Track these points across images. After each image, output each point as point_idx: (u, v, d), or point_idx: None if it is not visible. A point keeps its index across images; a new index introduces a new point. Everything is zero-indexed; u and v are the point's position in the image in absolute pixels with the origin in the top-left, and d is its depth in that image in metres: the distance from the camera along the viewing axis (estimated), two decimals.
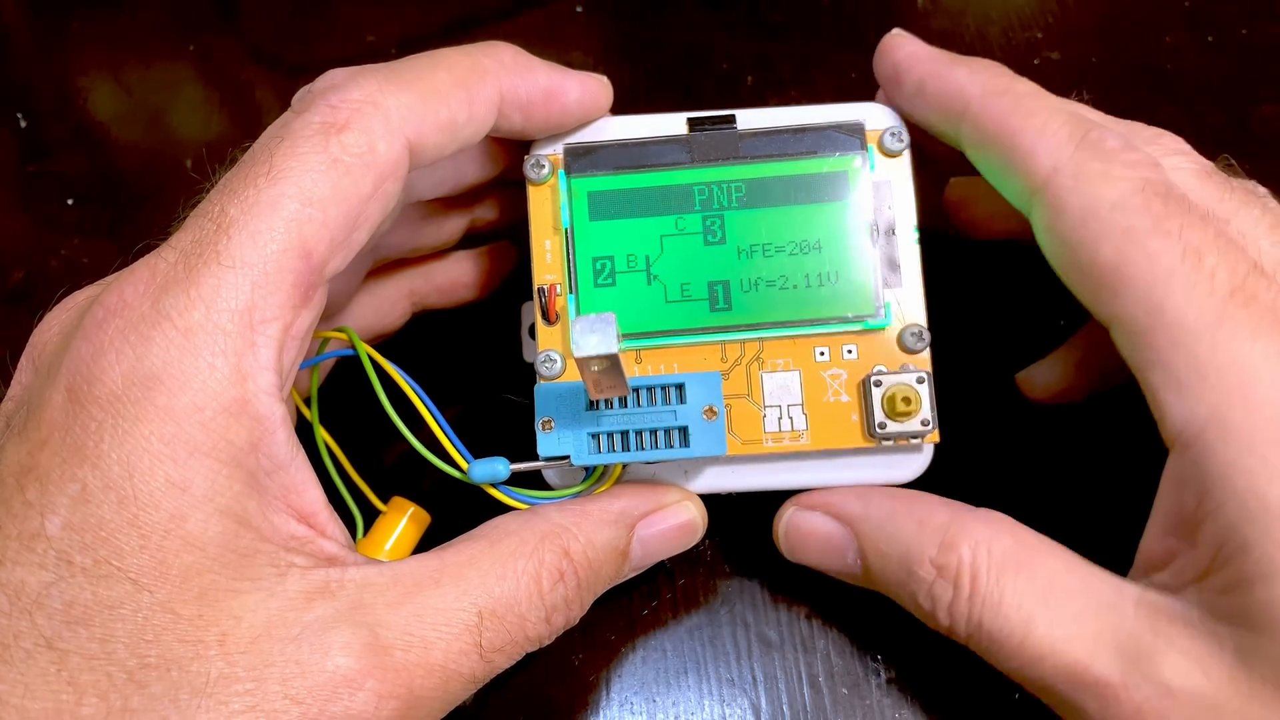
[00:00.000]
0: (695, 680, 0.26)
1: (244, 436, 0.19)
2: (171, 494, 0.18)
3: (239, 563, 0.19)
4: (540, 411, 0.23)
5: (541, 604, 0.21)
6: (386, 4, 0.40)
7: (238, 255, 0.19)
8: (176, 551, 0.18)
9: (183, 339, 0.19)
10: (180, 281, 0.19)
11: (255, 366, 0.19)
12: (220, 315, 0.19)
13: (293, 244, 0.20)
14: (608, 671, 0.27)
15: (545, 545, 0.21)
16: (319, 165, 0.20)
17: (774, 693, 0.26)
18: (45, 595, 0.17)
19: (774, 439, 0.24)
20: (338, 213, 0.20)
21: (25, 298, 0.33)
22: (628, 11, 0.38)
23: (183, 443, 0.18)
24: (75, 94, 0.38)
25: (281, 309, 0.20)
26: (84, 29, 0.40)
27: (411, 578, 0.20)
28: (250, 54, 0.39)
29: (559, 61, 0.24)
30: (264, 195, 0.20)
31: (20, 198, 0.36)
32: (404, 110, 0.21)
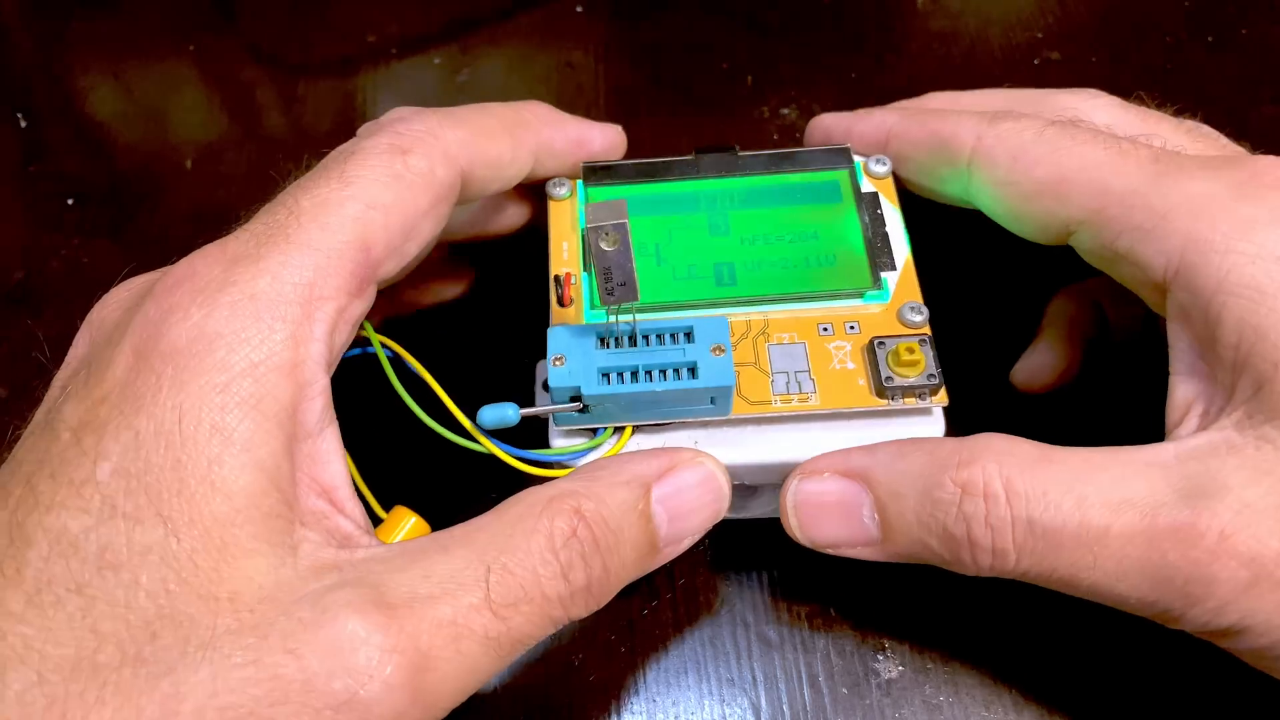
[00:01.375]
0: (695, 680, 0.26)
1: (288, 396, 0.20)
2: (215, 439, 0.19)
3: (261, 521, 0.19)
4: (552, 349, 0.23)
5: (555, 559, 0.20)
6: (386, 4, 0.40)
7: (305, 238, 0.21)
8: (207, 498, 0.19)
9: (248, 302, 0.20)
10: (250, 256, 0.21)
11: (309, 336, 0.21)
12: (284, 286, 0.21)
13: (355, 237, 0.22)
14: (607, 671, 0.27)
15: (554, 506, 0.21)
16: (385, 177, 0.23)
17: (774, 693, 0.26)
18: (84, 540, 0.18)
19: (783, 400, 0.24)
20: (397, 219, 0.23)
21: (25, 298, 0.33)
22: (628, 11, 0.39)
23: (233, 392, 0.20)
24: (75, 94, 0.39)
25: (339, 291, 0.21)
26: (84, 29, 0.40)
27: (418, 548, 0.20)
28: (250, 54, 0.39)
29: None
30: (334, 194, 0.22)
31: (20, 198, 0.36)
32: (459, 144, 0.24)
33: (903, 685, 0.26)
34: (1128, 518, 0.20)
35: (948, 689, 0.26)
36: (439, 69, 0.38)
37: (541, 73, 0.38)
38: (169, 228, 0.35)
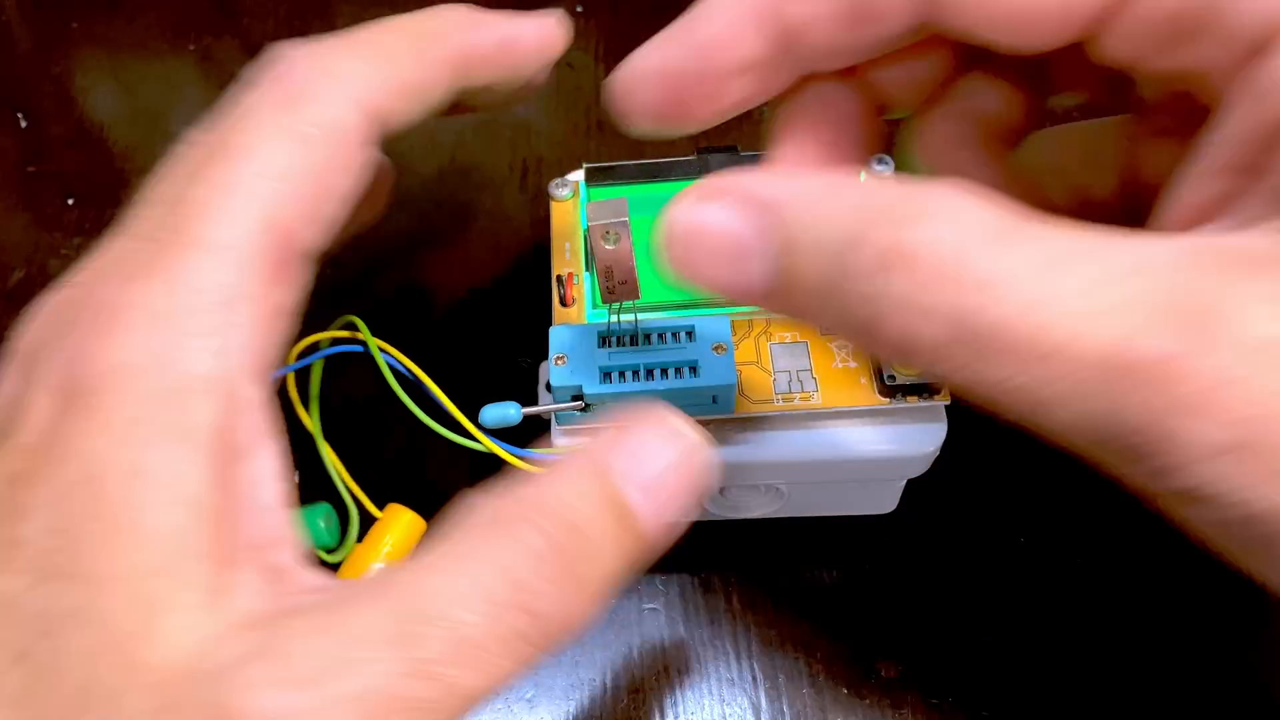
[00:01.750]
0: (695, 680, 0.26)
1: (211, 418, 0.18)
2: (133, 482, 0.17)
3: (189, 567, 0.17)
4: (554, 348, 0.23)
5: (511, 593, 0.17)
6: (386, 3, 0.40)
7: (204, 235, 0.19)
8: (131, 549, 0.17)
9: (151, 323, 0.18)
10: (146, 267, 0.19)
11: (227, 347, 0.18)
12: (190, 296, 0.18)
13: (263, 221, 0.19)
14: (607, 671, 0.27)
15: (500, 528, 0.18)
16: (280, 139, 0.20)
17: (774, 692, 0.26)
18: (18, 604, 0.17)
19: (784, 398, 0.24)
20: (306, 186, 0.20)
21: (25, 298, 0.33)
22: (628, 11, 0.39)
23: (147, 425, 0.17)
24: (75, 94, 0.38)
25: (255, 287, 0.19)
26: (84, 29, 0.40)
27: (348, 597, 0.17)
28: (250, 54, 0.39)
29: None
30: (228, 174, 0.19)
31: (20, 198, 0.36)
32: (360, 79, 0.21)
33: (902, 685, 0.26)
34: (1090, 340, 0.15)
35: (947, 689, 0.26)
36: None
37: None
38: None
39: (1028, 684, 0.26)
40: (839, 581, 0.27)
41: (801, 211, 0.17)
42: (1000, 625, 0.27)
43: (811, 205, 0.17)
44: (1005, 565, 0.27)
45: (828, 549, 0.28)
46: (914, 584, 0.27)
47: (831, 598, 0.27)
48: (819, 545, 0.28)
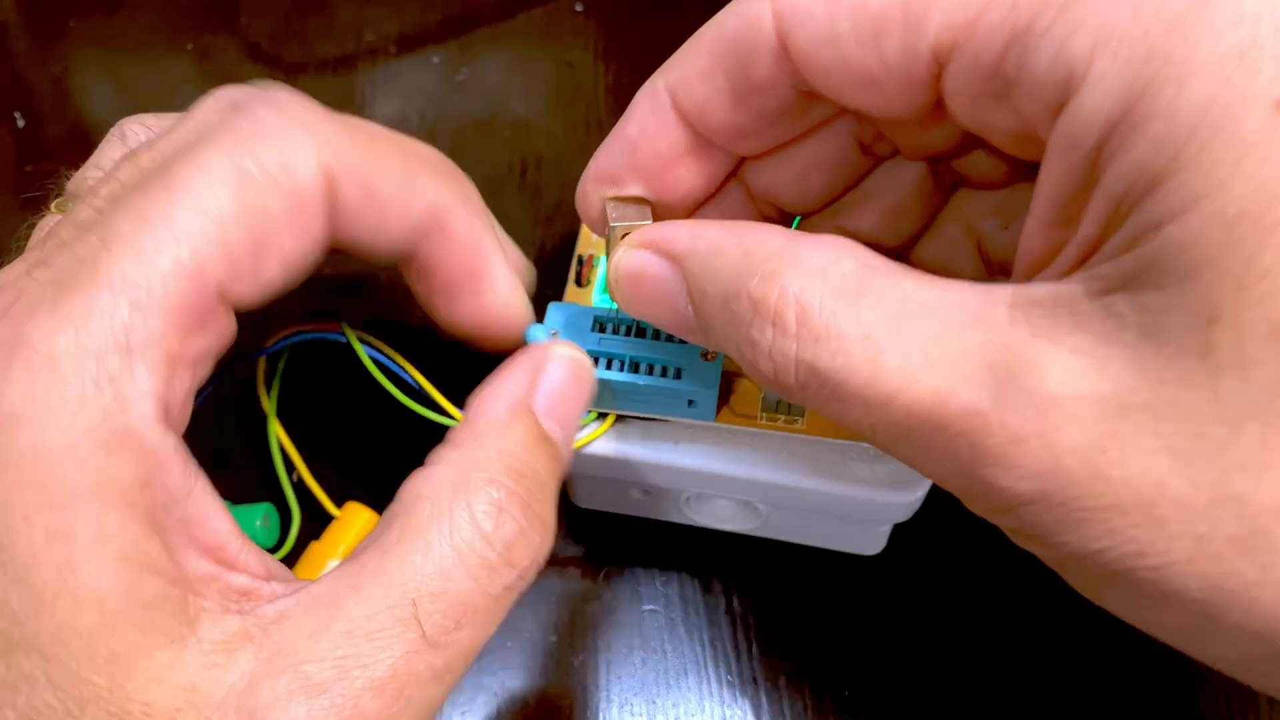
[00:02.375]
0: (695, 681, 0.26)
1: (131, 472, 0.17)
2: (55, 547, 0.16)
3: (145, 615, 0.16)
4: (549, 323, 0.24)
5: (491, 549, 0.18)
6: (385, 2, 0.40)
7: (116, 273, 0.17)
8: (72, 612, 0.16)
9: (47, 367, 0.16)
10: (47, 303, 0.17)
11: (135, 394, 0.17)
12: (92, 340, 0.17)
13: (182, 260, 0.17)
14: (608, 672, 0.26)
15: (465, 486, 0.19)
16: (223, 179, 0.18)
17: (774, 694, 0.26)
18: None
19: (769, 417, 0.24)
20: (240, 234, 0.18)
21: None
22: (628, 10, 0.38)
23: (57, 487, 0.16)
24: (73, 93, 0.38)
25: (165, 333, 0.17)
26: (81, 28, 0.40)
27: (330, 594, 0.18)
28: (249, 53, 0.39)
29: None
30: (156, 207, 0.18)
31: (18, 197, 0.35)
32: (330, 141, 0.19)
33: (902, 686, 0.26)
34: (918, 390, 0.16)
35: (947, 689, 0.26)
36: (438, 68, 0.38)
37: (541, 72, 0.38)
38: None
39: (1028, 684, 0.26)
40: (840, 582, 0.27)
41: (700, 262, 0.19)
42: (1001, 626, 0.27)
43: (707, 258, 0.19)
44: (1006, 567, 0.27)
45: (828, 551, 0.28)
46: (915, 584, 0.27)
47: (832, 598, 0.27)
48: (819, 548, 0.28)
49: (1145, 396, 0.15)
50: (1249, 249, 0.13)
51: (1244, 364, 0.14)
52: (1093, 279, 0.15)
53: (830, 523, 0.26)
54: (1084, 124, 0.15)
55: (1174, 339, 0.14)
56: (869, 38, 0.17)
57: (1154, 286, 0.14)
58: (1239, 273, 0.14)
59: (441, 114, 0.37)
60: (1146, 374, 0.15)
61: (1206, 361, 0.14)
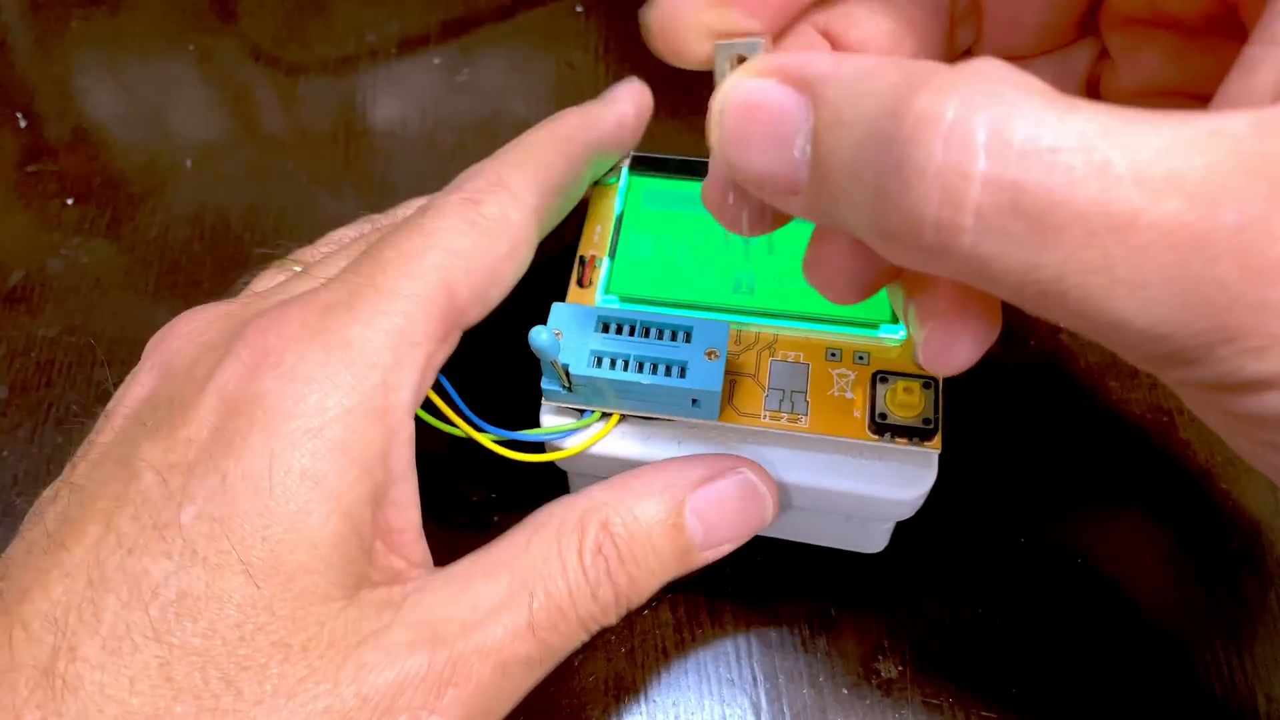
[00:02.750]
0: (695, 680, 0.26)
1: (378, 444, 0.20)
2: (304, 486, 0.19)
3: (340, 567, 0.20)
4: (552, 323, 0.24)
5: (585, 580, 0.21)
6: (386, 3, 0.40)
7: (393, 286, 0.21)
8: (292, 547, 0.19)
9: (341, 349, 0.20)
10: (342, 303, 0.21)
11: (400, 383, 0.21)
12: (377, 333, 0.21)
13: (441, 283, 0.22)
14: (607, 672, 0.27)
15: (584, 521, 0.22)
16: (461, 226, 0.23)
17: (774, 692, 0.26)
18: (163, 586, 0.18)
19: (772, 416, 0.24)
20: (479, 265, 0.23)
21: (25, 298, 0.33)
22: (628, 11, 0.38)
23: (325, 437, 0.20)
24: (74, 94, 0.38)
25: (428, 337, 0.22)
26: (83, 29, 0.40)
27: (463, 577, 0.21)
28: (249, 54, 0.39)
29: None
30: (415, 244, 0.22)
31: (20, 198, 0.35)
32: (526, 186, 0.24)
33: (902, 686, 0.26)
34: (1172, 203, 0.13)
35: (947, 689, 0.26)
36: (439, 69, 0.38)
37: (541, 73, 0.38)
38: (168, 228, 0.35)
39: (1028, 685, 0.26)
40: (840, 581, 0.27)
41: (844, 87, 0.16)
42: (1001, 626, 0.27)
43: (853, 80, 0.15)
44: (1007, 566, 0.27)
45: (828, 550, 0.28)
46: (915, 584, 0.27)
47: (832, 597, 0.27)
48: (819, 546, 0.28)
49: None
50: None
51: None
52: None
53: (833, 521, 0.26)
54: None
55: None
56: None
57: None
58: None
59: (442, 115, 0.37)
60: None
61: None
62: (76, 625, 0.18)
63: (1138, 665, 0.26)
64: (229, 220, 0.35)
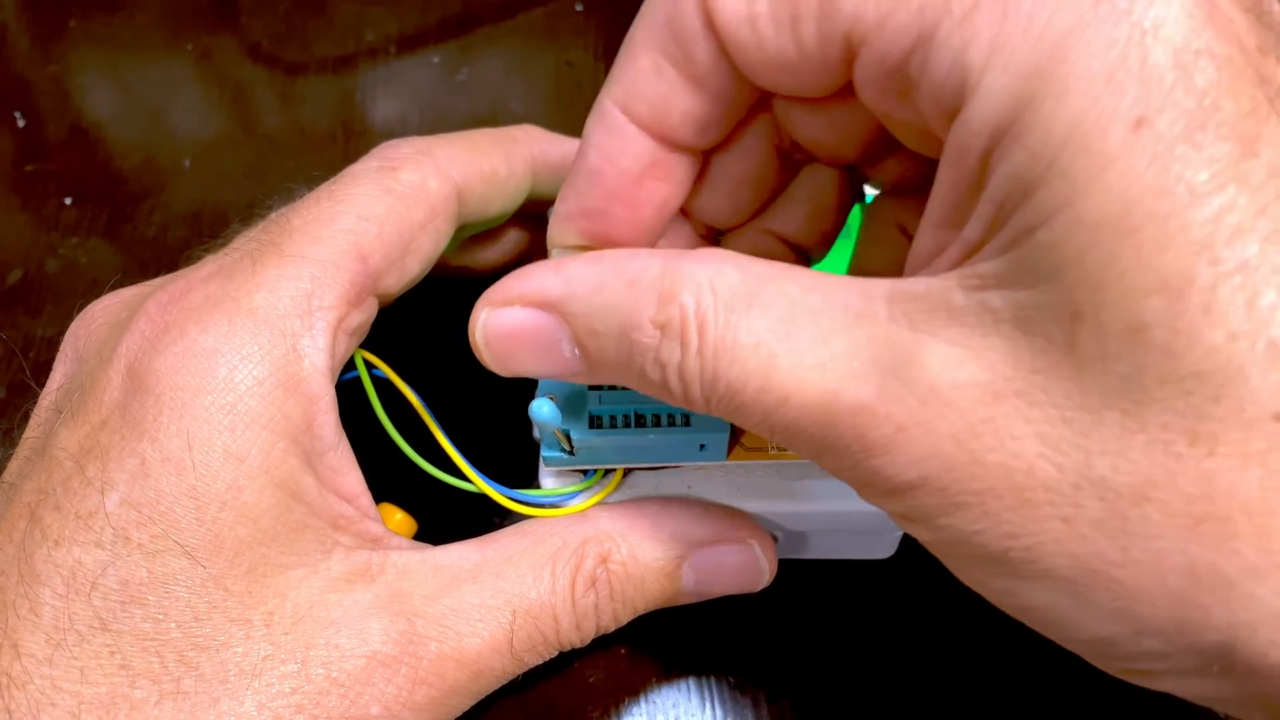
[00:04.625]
0: (695, 681, 0.26)
1: (299, 413, 0.20)
2: (229, 464, 0.19)
3: (288, 536, 0.19)
4: (543, 389, 0.23)
5: (572, 610, 0.21)
6: (385, 2, 0.40)
7: (299, 250, 0.21)
8: (231, 524, 0.19)
9: (245, 317, 0.20)
10: (245, 270, 0.21)
11: (312, 348, 0.20)
12: (281, 299, 0.20)
13: (350, 246, 0.21)
14: (607, 672, 0.26)
15: (587, 550, 0.22)
16: (375, 191, 0.22)
17: (775, 695, 0.26)
18: (102, 575, 0.18)
19: (779, 448, 0.24)
20: (392, 230, 0.22)
21: (23, 297, 0.33)
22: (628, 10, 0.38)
23: (242, 413, 0.19)
24: (73, 93, 0.38)
25: (338, 301, 0.21)
26: (81, 28, 0.40)
27: (450, 570, 0.21)
28: (248, 53, 0.39)
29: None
30: (325, 210, 0.22)
31: (18, 197, 0.35)
32: (450, 159, 0.24)
33: (904, 687, 0.26)
34: (809, 391, 0.17)
35: (949, 691, 0.26)
36: (438, 68, 0.38)
37: (541, 72, 0.38)
38: (167, 227, 0.35)
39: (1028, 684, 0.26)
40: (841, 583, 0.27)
41: (583, 303, 0.19)
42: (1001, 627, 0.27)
43: (590, 295, 0.19)
44: None
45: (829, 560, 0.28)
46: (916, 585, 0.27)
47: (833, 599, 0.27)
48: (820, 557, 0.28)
49: (1018, 384, 0.15)
50: (1107, 253, 0.14)
51: (1104, 357, 0.15)
52: (970, 276, 0.16)
53: (845, 536, 0.26)
54: (974, 131, 0.16)
55: (1043, 332, 0.15)
56: (785, 21, 0.18)
57: (1026, 285, 0.15)
58: (1098, 275, 0.15)
59: (442, 114, 0.37)
60: (1019, 363, 0.16)
61: (1072, 354, 0.15)
62: (15, 622, 0.18)
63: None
64: (228, 220, 0.35)
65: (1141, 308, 0.14)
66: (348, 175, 0.23)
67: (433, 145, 0.24)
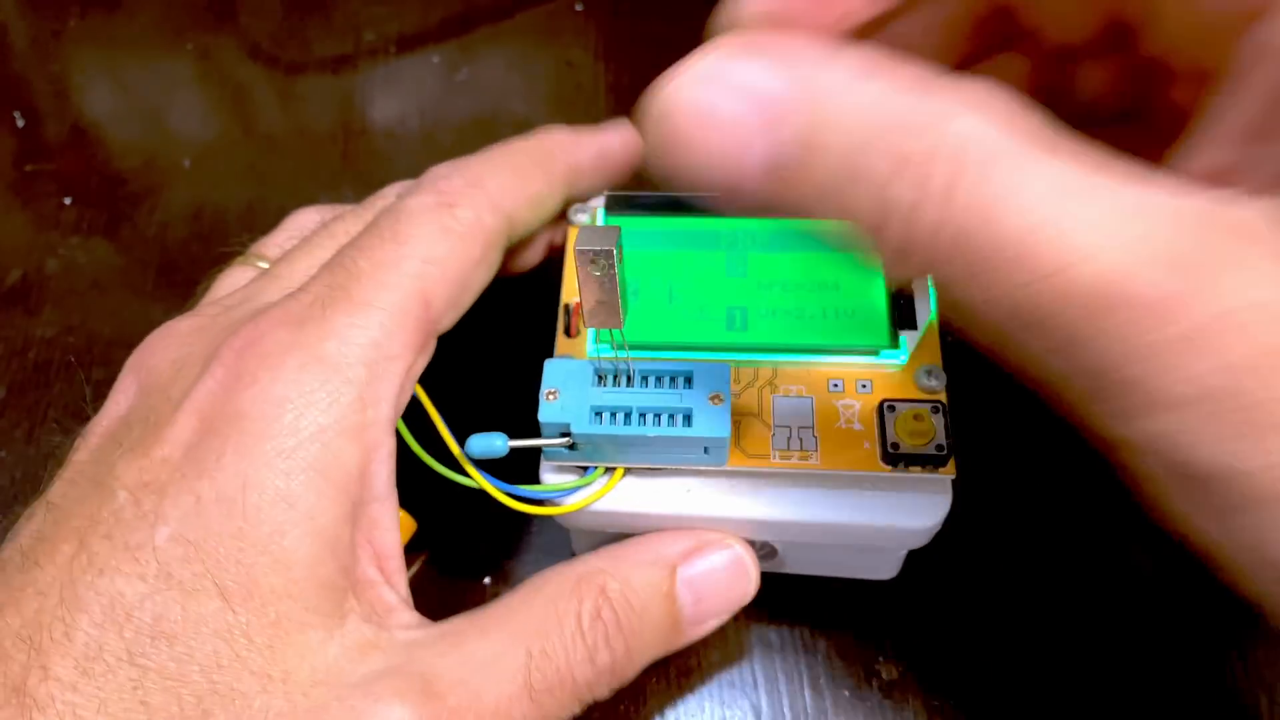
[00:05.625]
0: (695, 681, 0.26)
1: (355, 462, 0.20)
2: (278, 508, 0.19)
3: (314, 593, 0.19)
4: (547, 382, 0.23)
5: (583, 642, 0.21)
6: (385, 2, 0.40)
7: (367, 297, 0.21)
8: (267, 570, 0.19)
9: (315, 365, 0.20)
10: (315, 318, 0.21)
11: (377, 397, 0.21)
12: (351, 347, 0.20)
13: (416, 292, 0.22)
14: None
15: (582, 586, 0.22)
16: (436, 232, 0.22)
17: (774, 694, 0.26)
18: (138, 608, 0.18)
19: (782, 455, 0.23)
20: (454, 271, 0.22)
21: (23, 297, 0.33)
22: (628, 10, 0.38)
23: (299, 457, 0.19)
24: (73, 93, 0.38)
25: (405, 349, 0.21)
26: (81, 28, 0.40)
27: (455, 631, 0.21)
28: (248, 53, 0.39)
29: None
30: (390, 253, 0.22)
31: (18, 197, 0.35)
32: (501, 190, 0.24)
33: (903, 687, 0.26)
34: (1098, 264, 0.14)
35: (948, 691, 0.26)
36: (438, 68, 0.38)
37: (541, 72, 0.38)
38: (167, 227, 0.35)
39: (1028, 685, 0.26)
40: (840, 582, 0.27)
41: (832, 93, 0.15)
42: (1001, 627, 0.27)
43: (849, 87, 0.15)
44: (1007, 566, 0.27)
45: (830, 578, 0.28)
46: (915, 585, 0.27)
47: (832, 598, 0.27)
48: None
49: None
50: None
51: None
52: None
53: (847, 553, 0.26)
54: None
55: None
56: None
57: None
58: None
59: (442, 114, 0.37)
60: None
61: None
62: (48, 644, 0.18)
63: (1138, 665, 0.26)
64: (227, 220, 0.35)
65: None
66: (407, 214, 0.23)
67: (483, 176, 0.24)
